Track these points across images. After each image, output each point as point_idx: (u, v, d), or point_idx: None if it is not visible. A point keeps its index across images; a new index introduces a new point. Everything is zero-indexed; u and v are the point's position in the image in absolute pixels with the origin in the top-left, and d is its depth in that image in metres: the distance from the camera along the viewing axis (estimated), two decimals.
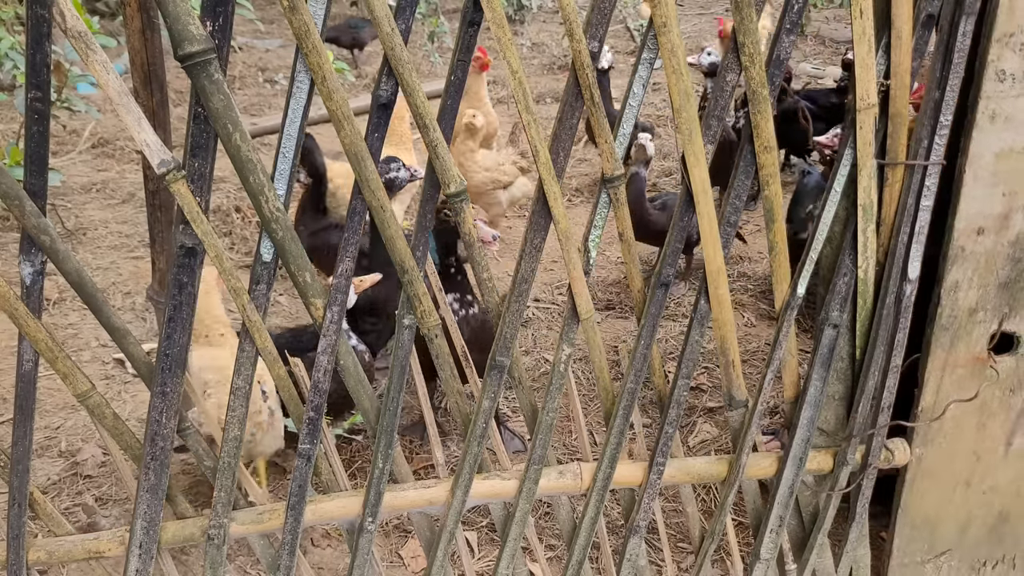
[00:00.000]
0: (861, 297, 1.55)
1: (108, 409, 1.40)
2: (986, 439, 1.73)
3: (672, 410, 1.57)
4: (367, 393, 1.47)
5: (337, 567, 2.11)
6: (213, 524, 1.46)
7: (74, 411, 2.67)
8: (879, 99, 1.41)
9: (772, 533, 1.69)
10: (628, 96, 1.36)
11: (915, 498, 1.75)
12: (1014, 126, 1.48)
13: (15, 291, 1.28)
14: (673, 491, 2.32)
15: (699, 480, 1.66)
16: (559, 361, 1.50)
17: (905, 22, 1.37)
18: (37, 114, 1.17)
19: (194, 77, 1.17)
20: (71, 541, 1.46)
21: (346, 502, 1.53)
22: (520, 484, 1.56)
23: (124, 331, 1.35)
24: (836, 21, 8.34)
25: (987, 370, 1.65)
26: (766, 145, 1.40)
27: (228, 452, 1.42)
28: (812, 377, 1.59)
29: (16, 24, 3.82)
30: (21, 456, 1.37)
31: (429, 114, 1.28)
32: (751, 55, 1.33)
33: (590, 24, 1.29)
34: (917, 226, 1.50)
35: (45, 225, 1.23)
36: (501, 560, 1.63)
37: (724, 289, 1.49)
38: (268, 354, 1.37)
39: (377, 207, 1.31)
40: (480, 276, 1.43)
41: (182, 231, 1.26)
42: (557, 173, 1.36)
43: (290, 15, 1.17)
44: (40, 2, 1.11)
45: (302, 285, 1.34)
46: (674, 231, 1.45)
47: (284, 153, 1.27)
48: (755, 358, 2.99)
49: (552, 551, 2.18)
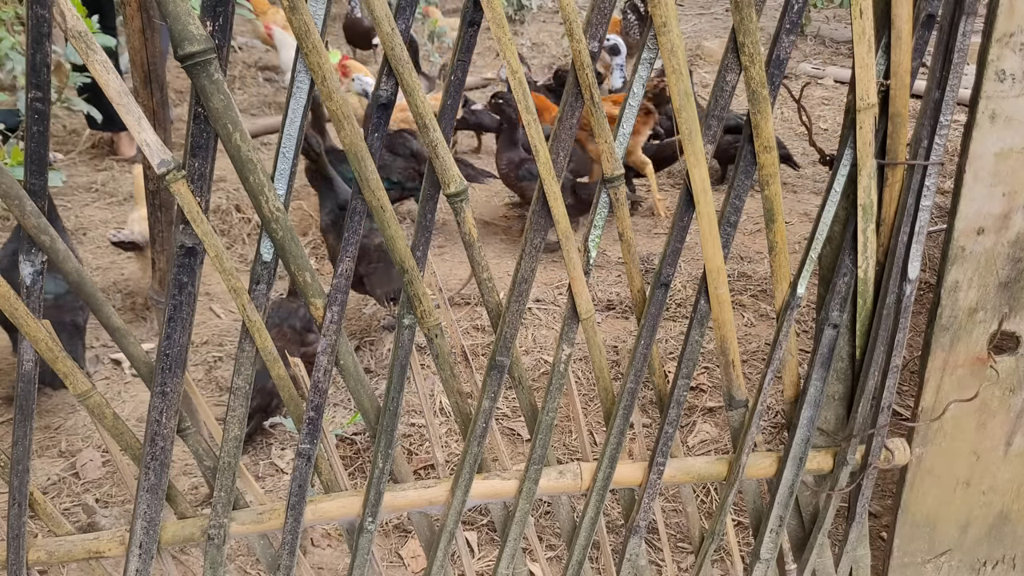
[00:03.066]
0: (861, 297, 1.55)
1: (108, 409, 1.40)
2: (986, 439, 1.73)
3: (672, 410, 1.57)
4: (367, 393, 1.47)
5: (337, 567, 2.11)
6: (213, 524, 1.46)
7: (74, 411, 2.67)
8: (879, 99, 1.41)
9: (772, 533, 1.69)
10: (628, 96, 1.36)
11: (915, 498, 1.75)
12: (1014, 126, 1.48)
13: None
14: (673, 491, 2.32)
15: (699, 480, 1.66)
16: (559, 361, 1.50)
17: (905, 22, 1.37)
18: (37, 114, 1.17)
19: (194, 77, 1.17)
20: (71, 541, 1.46)
21: (346, 502, 1.53)
22: (520, 484, 1.56)
23: (124, 331, 1.35)
24: (836, 21, 8.35)
25: (987, 370, 1.65)
26: (766, 145, 1.40)
27: (228, 452, 1.42)
28: (812, 377, 1.59)
29: (16, 24, 3.83)
30: (21, 456, 1.37)
31: (429, 114, 1.28)
32: (751, 55, 1.33)
33: (590, 24, 1.30)
34: (917, 226, 1.50)
35: (45, 225, 1.23)
36: (501, 560, 1.63)
37: (724, 289, 1.49)
38: (268, 354, 1.37)
39: (377, 207, 1.31)
40: (480, 276, 1.43)
41: (182, 231, 1.26)
42: (557, 173, 1.36)
43: (290, 15, 1.17)
44: (40, 2, 1.11)
45: (302, 285, 1.34)
46: (674, 231, 1.45)
47: (284, 153, 1.27)
48: (755, 358, 2.99)
49: (552, 551, 2.18)
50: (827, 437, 1.69)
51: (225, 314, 3.28)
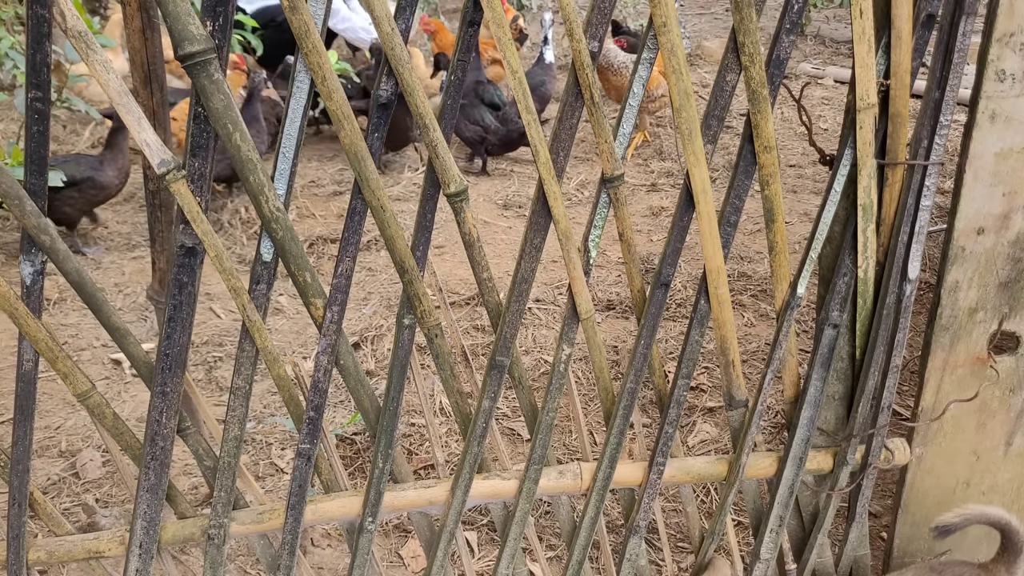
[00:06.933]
0: (861, 297, 1.55)
1: (108, 409, 1.40)
2: (986, 439, 1.73)
3: (672, 410, 1.57)
4: (367, 393, 1.47)
5: (337, 567, 2.11)
6: (213, 524, 1.46)
7: (74, 411, 2.67)
8: (879, 99, 1.42)
9: (772, 533, 1.69)
10: (628, 96, 1.36)
11: (915, 498, 1.75)
12: (1014, 126, 1.48)
13: (15, 291, 1.28)
14: (673, 491, 2.32)
15: (699, 480, 1.66)
16: (559, 361, 1.50)
17: (905, 22, 1.37)
18: (37, 114, 1.17)
19: (194, 77, 1.17)
20: (71, 541, 1.47)
21: (346, 502, 1.53)
22: (520, 484, 1.56)
23: (124, 331, 1.35)
24: (836, 21, 8.35)
25: (987, 370, 1.66)
26: (766, 145, 1.40)
27: (228, 452, 1.42)
28: (812, 377, 1.59)
29: (16, 24, 3.83)
30: (21, 456, 1.37)
31: (429, 114, 1.28)
32: (751, 55, 1.33)
33: (590, 24, 1.30)
34: (917, 226, 1.50)
35: (45, 225, 1.23)
36: (501, 560, 1.63)
37: (724, 289, 1.49)
38: (268, 354, 1.37)
39: (377, 207, 1.31)
40: (480, 276, 1.43)
41: (182, 231, 1.26)
42: (557, 173, 1.36)
43: (290, 15, 1.17)
44: (40, 2, 1.11)
45: (302, 285, 1.34)
46: (674, 231, 1.45)
47: (284, 153, 1.27)
48: (755, 358, 2.99)
49: (552, 551, 2.18)
50: (827, 437, 1.69)
51: (225, 314, 3.28)
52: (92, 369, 2.89)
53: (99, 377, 2.86)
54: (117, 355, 2.94)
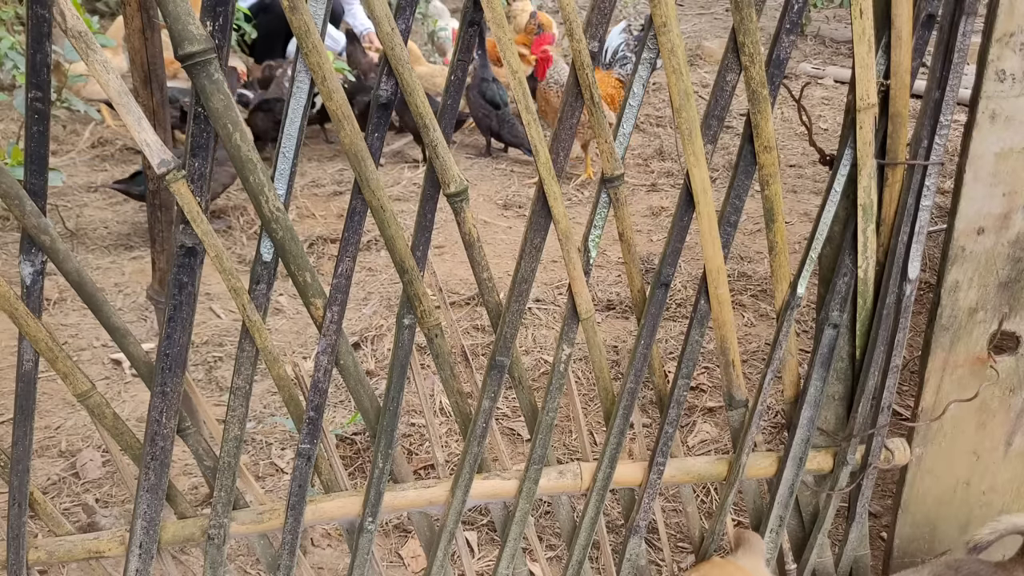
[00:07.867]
0: (861, 297, 1.55)
1: (108, 409, 1.40)
2: (986, 439, 1.73)
3: (672, 410, 1.57)
4: (367, 393, 1.47)
5: (337, 567, 2.11)
6: (213, 524, 1.46)
7: (74, 411, 2.67)
8: (879, 99, 1.41)
9: (772, 533, 1.69)
10: (628, 96, 1.36)
11: (915, 498, 1.75)
12: (1014, 126, 1.48)
13: (15, 291, 1.28)
14: (673, 491, 2.32)
15: (699, 480, 1.66)
16: (559, 361, 1.50)
17: (905, 22, 1.37)
18: (37, 114, 1.17)
19: (194, 77, 1.17)
20: (71, 541, 1.46)
21: (346, 502, 1.53)
22: (520, 484, 1.56)
23: (124, 331, 1.35)
24: (836, 21, 8.35)
25: (987, 370, 1.65)
26: (766, 145, 1.40)
27: (228, 452, 1.42)
28: (812, 377, 1.59)
29: (16, 24, 3.83)
30: (21, 456, 1.37)
31: (429, 114, 1.28)
32: (751, 55, 1.33)
33: (590, 24, 1.30)
34: (917, 226, 1.50)
35: (45, 225, 1.23)
36: (501, 560, 1.63)
37: (724, 289, 1.49)
38: (268, 354, 1.37)
39: (377, 207, 1.31)
40: (480, 276, 1.43)
41: (182, 231, 1.26)
42: (557, 173, 1.36)
43: (290, 15, 1.17)
44: (40, 2, 1.11)
45: (302, 285, 1.34)
46: (674, 231, 1.45)
47: (284, 153, 1.27)
48: (755, 358, 2.99)
49: (552, 551, 2.18)
50: (827, 437, 1.69)
51: (225, 314, 3.28)
52: (92, 369, 2.89)
53: (99, 377, 2.86)
54: (117, 355, 2.94)
